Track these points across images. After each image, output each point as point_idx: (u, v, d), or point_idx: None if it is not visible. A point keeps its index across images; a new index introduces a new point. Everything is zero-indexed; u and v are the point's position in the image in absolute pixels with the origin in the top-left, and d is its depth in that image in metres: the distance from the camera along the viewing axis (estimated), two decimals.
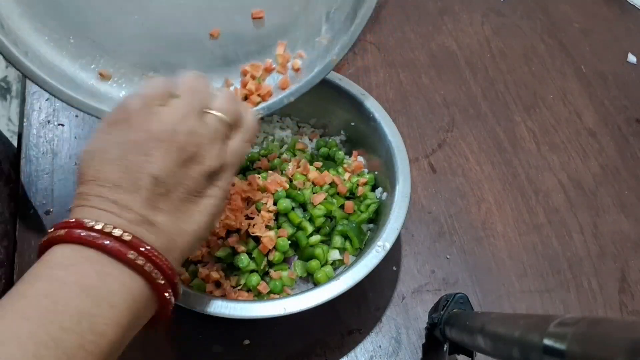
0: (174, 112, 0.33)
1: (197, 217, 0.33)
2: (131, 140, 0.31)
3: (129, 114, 0.32)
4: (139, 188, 0.30)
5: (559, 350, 0.24)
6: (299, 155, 0.55)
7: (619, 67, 0.73)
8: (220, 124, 0.35)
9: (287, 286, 0.48)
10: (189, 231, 0.32)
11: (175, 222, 0.32)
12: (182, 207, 0.32)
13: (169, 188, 0.31)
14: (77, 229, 0.28)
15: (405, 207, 0.46)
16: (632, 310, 0.52)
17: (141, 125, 0.31)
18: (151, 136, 0.31)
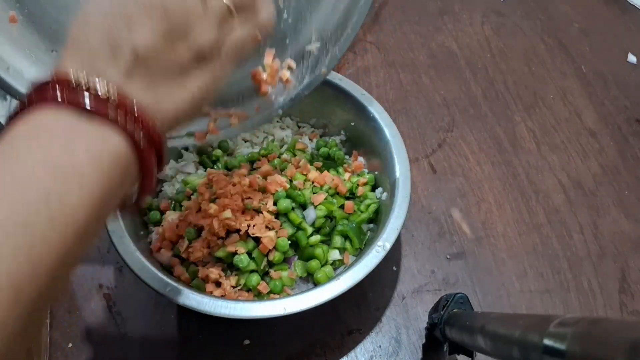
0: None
1: (179, 95, 0.30)
2: (117, 5, 0.28)
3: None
4: (116, 57, 0.28)
5: (559, 350, 0.24)
6: (299, 155, 0.55)
7: (619, 67, 0.73)
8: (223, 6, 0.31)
9: (287, 286, 0.48)
10: (168, 108, 0.30)
11: (152, 96, 0.29)
12: (162, 82, 0.29)
13: (149, 60, 0.29)
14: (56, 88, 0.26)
15: (405, 207, 0.46)
16: (632, 310, 0.52)
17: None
18: (138, 5, 0.28)
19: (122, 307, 0.49)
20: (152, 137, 0.28)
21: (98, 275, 0.51)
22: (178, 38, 0.29)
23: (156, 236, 0.49)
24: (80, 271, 0.51)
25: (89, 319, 0.48)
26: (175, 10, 0.29)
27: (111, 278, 0.51)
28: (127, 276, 0.51)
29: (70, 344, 0.47)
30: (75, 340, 0.47)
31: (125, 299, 0.49)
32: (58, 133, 0.26)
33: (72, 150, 0.25)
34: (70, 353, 0.46)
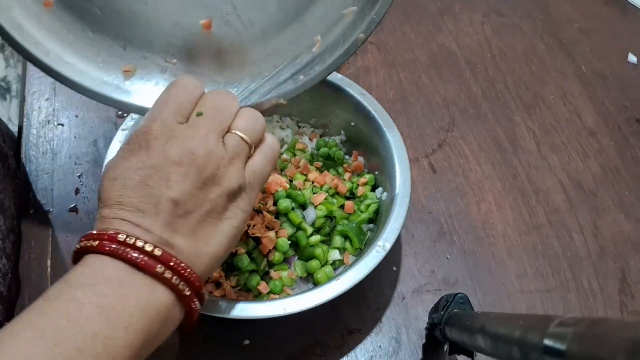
0: (193, 133, 0.33)
1: (216, 239, 0.33)
2: (151, 165, 0.32)
3: (148, 139, 0.32)
4: (159, 212, 0.31)
5: (559, 350, 0.24)
6: (299, 155, 0.55)
7: (619, 67, 0.73)
8: (241, 144, 0.35)
9: (287, 286, 0.48)
10: (208, 252, 0.33)
11: (194, 243, 0.32)
12: (200, 228, 0.32)
13: (188, 210, 0.32)
14: (109, 242, 0.29)
15: (405, 207, 0.46)
16: (632, 310, 0.52)
17: (160, 150, 0.32)
18: (170, 161, 0.32)
19: None
20: (194, 285, 0.31)
21: None
22: (210, 185, 0.33)
23: None
24: None
25: None
26: (204, 159, 0.32)
27: None
28: None
29: None
30: None
31: None
32: (112, 282, 0.29)
33: (123, 298, 0.28)
34: None
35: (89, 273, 0.29)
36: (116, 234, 0.30)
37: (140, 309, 0.29)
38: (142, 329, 0.28)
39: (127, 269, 0.29)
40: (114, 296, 0.28)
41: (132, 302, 0.28)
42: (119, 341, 0.27)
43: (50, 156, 0.58)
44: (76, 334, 0.26)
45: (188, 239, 0.32)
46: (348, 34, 0.41)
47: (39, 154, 0.58)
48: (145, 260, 0.29)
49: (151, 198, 0.31)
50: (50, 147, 0.58)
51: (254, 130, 0.36)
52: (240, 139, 0.35)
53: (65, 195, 0.55)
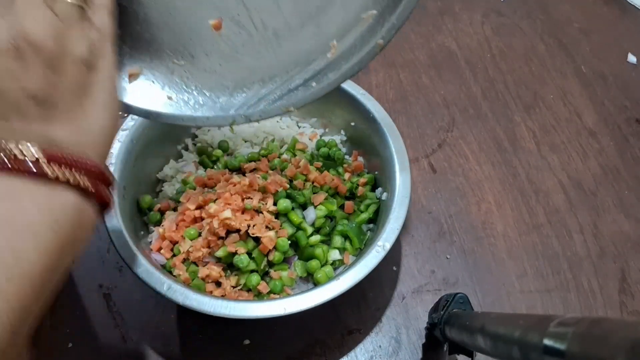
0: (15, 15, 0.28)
1: (97, 113, 0.30)
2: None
3: None
4: (23, 112, 0.28)
5: (559, 350, 0.24)
6: (299, 155, 0.55)
7: (619, 67, 0.73)
8: (71, 6, 0.31)
9: (287, 286, 0.48)
10: (94, 130, 0.30)
11: (76, 128, 0.29)
12: (75, 110, 0.30)
13: (52, 96, 0.29)
14: None
15: (405, 207, 0.46)
16: (632, 310, 0.52)
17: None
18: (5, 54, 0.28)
19: (122, 307, 0.49)
20: (93, 173, 0.29)
21: (98, 275, 0.51)
22: (58, 58, 0.29)
23: (156, 236, 0.49)
24: (80, 271, 0.51)
25: (89, 319, 0.48)
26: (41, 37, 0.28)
27: (111, 278, 0.51)
28: (127, 276, 0.51)
29: (70, 344, 0.47)
30: (75, 340, 0.47)
31: (125, 299, 0.49)
32: (4, 195, 0.26)
33: (22, 208, 0.26)
34: (70, 353, 0.46)
35: None
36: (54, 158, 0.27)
37: (45, 216, 0.26)
38: (54, 237, 0.26)
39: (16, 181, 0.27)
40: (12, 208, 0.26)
41: (34, 211, 0.26)
42: (29, 250, 0.25)
43: None
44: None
45: (68, 126, 0.29)
46: (366, 39, 0.38)
47: None
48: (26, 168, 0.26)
49: (9, 101, 0.28)
50: None
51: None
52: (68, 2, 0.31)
53: None
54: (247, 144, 0.58)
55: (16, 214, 0.26)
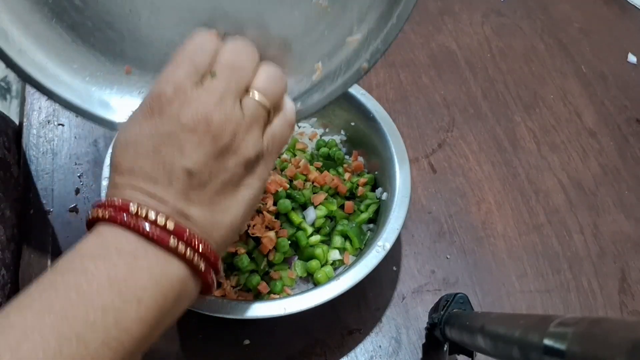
0: (208, 96, 0.30)
1: (234, 209, 0.32)
2: (164, 132, 0.30)
3: (161, 103, 0.30)
4: (172, 181, 0.29)
5: (559, 350, 0.24)
6: (299, 155, 0.55)
7: (619, 67, 0.73)
8: (260, 108, 0.32)
9: (287, 286, 0.48)
10: (225, 223, 0.31)
11: (210, 214, 0.31)
12: (217, 199, 0.31)
13: (204, 180, 0.30)
14: (121, 212, 0.28)
15: (405, 207, 0.46)
16: (632, 310, 0.52)
17: (174, 116, 0.30)
18: (184, 128, 0.30)
19: None
20: (209, 259, 0.30)
21: None
22: (226, 154, 0.31)
23: None
24: None
25: None
26: (220, 125, 0.30)
27: None
28: None
29: None
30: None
31: None
32: (124, 254, 0.28)
33: (136, 270, 0.27)
34: None
35: (101, 244, 0.28)
36: (128, 203, 0.28)
37: (154, 282, 0.28)
38: (156, 303, 0.27)
39: (140, 242, 0.28)
40: (127, 269, 0.27)
41: (145, 275, 0.27)
42: (131, 314, 0.26)
43: (50, 156, 0.58)
44: (86, 308, 0.25)
45: (204, 210, 0.30)
46: (351, 62, 0.39)
47: (39, 154, 0.58)
48: (157, 233, 0.28)
49: (164, 167, 0.29)
50: (50, 147, 0.58)
51: (274, 92, 0.33)
52: (259, 103, 0.32)
53: (66, 195, 0.55)
54: None
55: (129, 275, 0.27)
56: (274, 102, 0.33)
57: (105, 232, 0.29)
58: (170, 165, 0.30)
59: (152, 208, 0.29)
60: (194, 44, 0.32)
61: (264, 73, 0.33)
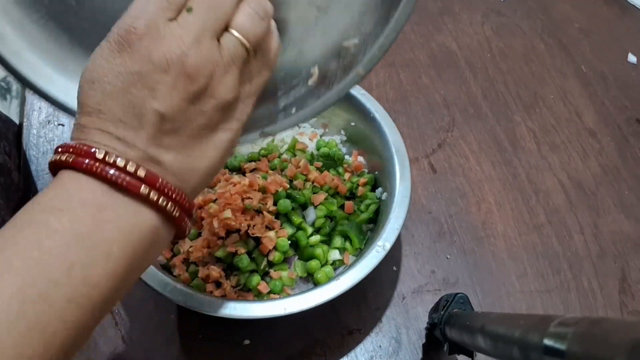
0: (183, 33, 0.28)
1: (210, 153, 0.30)
2: (134, 71, 0.27)
3: (130, 38, 0.27)
4: (143, 125, 0.27)
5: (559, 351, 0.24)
6: (299, 155, 0.55)
7: (619, 67, 0.73)
8: (239, 48, 0.30)
9: (287, 286, 0.48)
10: (201, 168, 0.30)
11: (184, 160, 0.29)
12: (192, 143, 0.29)
13: (177, 125, 0.28)
14: (86, 158, 0.26)
15: (405, 207, 0.46)
16: (632, 310, 0.52)
17: (145, 53, 0.27)
18: (156, 67, 0.27)
19: (122, 307, 0.49)
20: (183, 205, 0.29)
21: None
22: (202, 95, 0.29)
23: None
24: None
25: None
26: (196, 66, 0.28)
27: None
28: None
29: None
30: None
31: (126, 299, 0.49)
32: (89, 205, 0.26)
33: (102, 223, 0.26)
34: None
35: (63, 195, 0.26)
36: (94, 148, 0.26)
37: (122, 235, 0.26)
38: (125, 256, 0.26)
39: (107, 190, 0.26)
40: (92, 221, 0.25)
41: (112, 227, 0.26)
42: (98, 270, 0.25)
43: (50, 156, 0.58)
44: (50, 266, 0.23)
45: (177, 156, 0.29)
46: (347, 67, 0.38)
47: (39, 154, 0.58)
48: (127, 180, 0.26)
49: (134, 109, 0.27)
50: (50, 147, 0.58)
51: (255, 31, 0.30)
52: (239, 42, 0.29)
53: None
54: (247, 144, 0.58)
55: (95, 228, 0.25)
56: (255, 42, 0.31)
57: (68, 181, 0.27)
58: (140, 107, 0.27)
59: (121, 154, 0.27)
60: None
61: (246, 8, 0.30)
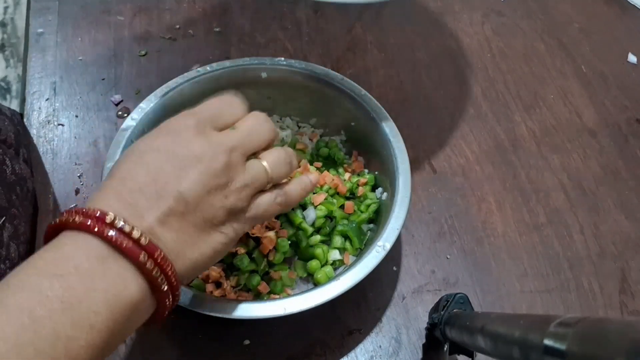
0: (222, 141, 0.33)
1: (203, 248, 0.32)
2: (172, 151, 0.32)
3: (179, 127, 0.33)
4: (160, 199, 0.30)
5: (559, 351, 0.24)
6: (299, 155, 0.55)
7: (619, 67, 0.73)
8: (262, 172, 0.35)
9: (287, 286, 0.48)
10: (191, 258, 0.32)
11: (181, 244, 0.31)
12: (192, 232, 0.32)
13: (189, 209, 0.31)
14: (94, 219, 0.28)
15: (405, 207, 0.46)
16: (632, 310, 0.52)
17: (186, 140, 0.32)
18: (191, 153, 0.32)
19: None
20: (172, 283, 0.30)
21: None
22: (218, 193, 0.32)
23: None
24: None
25: None
26: (224, 165, 0.32)
27: None
28: None
29: None
30: None
31: None
32: (83, 273, 0.27)
33: (92, 292, 0.27)
34: None
35: (60, 259, 0.27)
36: (101, 212, 0.28)
37: (108, 306, 0.27)
38: (107, 327, 0.27)
39: (105, 253, 0.27)
40: (83, 290, 0.26)
41: (100, 298, 0.27)
42: (81, 341, 0.26)
43: (50, 156, 0.58)
44: (37, 334, 0.24)
45: (177, 238, 0.31)
46: None
47: (39, 155, 0.58)
48: (128, 245, 0.28)
49: (157, 182, 0.30)
50: (50, 148, 0.58)
51: (280, 170, 0.36)
52: (263, 168, 0.35)
53: (65, 195, 0.55)
54: None
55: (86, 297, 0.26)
56: (277, 178, 0.36)
57: (66, 243, 0.28)
58: (164, 183, 0.30)
59: (128, 219, 0.28)
60: (229, 101, 0.36)
61: (276, 151, 0.37)
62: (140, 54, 0.66)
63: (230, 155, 0.33)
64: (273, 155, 0.36)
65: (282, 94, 0.57)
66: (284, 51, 0.69)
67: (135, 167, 0.31)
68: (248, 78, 0.55)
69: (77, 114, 0.61)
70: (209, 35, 0.69)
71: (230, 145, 0.33)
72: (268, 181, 0.36)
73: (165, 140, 0.32)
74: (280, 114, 0.59)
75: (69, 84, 0.63)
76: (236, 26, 0.71)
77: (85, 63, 0.65)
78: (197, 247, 0.32)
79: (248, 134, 0.35)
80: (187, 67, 0.65)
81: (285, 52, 0.69)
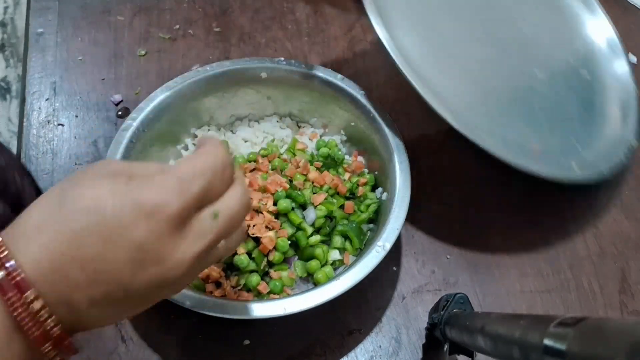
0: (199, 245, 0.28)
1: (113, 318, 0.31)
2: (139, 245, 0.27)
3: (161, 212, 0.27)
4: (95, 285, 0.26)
5: (559, 351, 0.24)
6: (299, 155, 0.55)
7: None
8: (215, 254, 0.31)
9: (287, 286, 0.48)
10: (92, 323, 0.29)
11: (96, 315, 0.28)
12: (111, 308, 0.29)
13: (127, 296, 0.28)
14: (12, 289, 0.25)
15: (405, 207, 0.46)
16: (632, 310, 0.52)
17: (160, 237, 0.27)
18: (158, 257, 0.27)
19: None
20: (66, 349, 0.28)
21: None
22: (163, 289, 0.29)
23: None
24: None
25: None
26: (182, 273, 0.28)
27: None
28: None
29: None
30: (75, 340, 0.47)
31: None
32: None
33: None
34: None
35: None
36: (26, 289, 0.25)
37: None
38: None
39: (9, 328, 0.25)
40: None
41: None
42: None
43: (50, 156, 0.58)
44: None
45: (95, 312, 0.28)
46: None
47: (39, 154, 0.58)
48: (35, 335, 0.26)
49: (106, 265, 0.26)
50: (50, 148, 0.58)
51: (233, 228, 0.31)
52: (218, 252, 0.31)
53: None
54: (246, 144, 0.58)
55: None
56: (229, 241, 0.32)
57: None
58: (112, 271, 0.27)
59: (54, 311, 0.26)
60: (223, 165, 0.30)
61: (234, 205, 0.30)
62: (140, 54, 0.66)
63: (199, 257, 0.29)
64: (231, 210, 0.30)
65: (282, 94, 0.57)
66: (284, 51, 0.69)
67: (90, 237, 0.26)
68: (248, 78, 0.55)
69: (77, 114, 0.61)
70: (209, 35, 0.69)
71: (206, 246, 0.29)
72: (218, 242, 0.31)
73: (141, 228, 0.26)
74: (280, 114, 0.59)
75: (69, 84, 0.63)
76: (236, 26, 0.71)
77: (85, 63, 0.65)
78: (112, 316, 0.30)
79: (230, 224, 0.30)
80: (187, 67, 0.65)
81: (285, 52, 0.69)
